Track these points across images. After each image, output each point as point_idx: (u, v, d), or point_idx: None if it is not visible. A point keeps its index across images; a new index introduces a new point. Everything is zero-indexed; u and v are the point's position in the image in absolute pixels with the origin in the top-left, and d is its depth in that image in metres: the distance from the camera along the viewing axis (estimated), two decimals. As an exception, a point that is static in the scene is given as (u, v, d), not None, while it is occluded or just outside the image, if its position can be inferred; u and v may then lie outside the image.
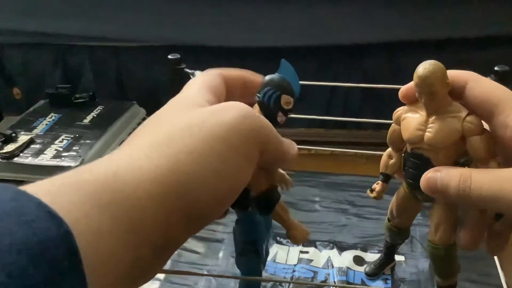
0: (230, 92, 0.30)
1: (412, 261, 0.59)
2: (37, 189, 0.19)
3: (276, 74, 0.32)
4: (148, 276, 0.23)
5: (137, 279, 0.22)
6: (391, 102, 0.35)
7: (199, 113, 0.25)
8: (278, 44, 0.89)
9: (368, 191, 0.39)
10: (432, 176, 0.30)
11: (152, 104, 0.92)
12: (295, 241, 0.36)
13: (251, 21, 0.89)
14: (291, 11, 0.87)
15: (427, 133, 0.32)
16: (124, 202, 0.20)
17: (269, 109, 0.30)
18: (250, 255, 0.39)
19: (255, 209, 0.34)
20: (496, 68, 0.54)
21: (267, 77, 0.31)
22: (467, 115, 0.31)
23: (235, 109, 0.25)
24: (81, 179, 0.20)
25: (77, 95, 0.89)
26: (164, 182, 0.22)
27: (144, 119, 0.89)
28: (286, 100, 0.31)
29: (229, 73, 0.31)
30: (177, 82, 0.66)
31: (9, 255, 0.15)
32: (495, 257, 0.55)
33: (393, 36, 0.86)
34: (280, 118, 0.31)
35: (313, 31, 0.88)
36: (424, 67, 0.31)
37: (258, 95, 0.31)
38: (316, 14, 0.87)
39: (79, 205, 0.19)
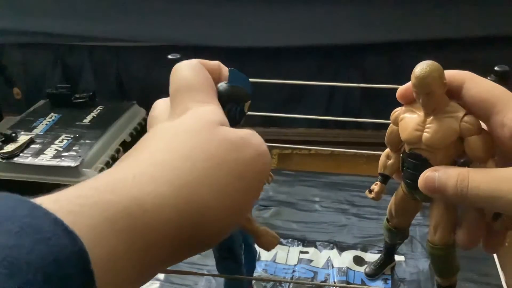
0: None
1: (412, 261, 0.59)
2: (58, 207, 0.19)
3: (228, 85, 0.31)
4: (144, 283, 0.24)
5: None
6: (391, 102, 0.35)
7: (218, 143, 0.25)
8: (278, 44, 0.89)
9: (367, 192, 0.39)
10: (430, 175, 0.30)
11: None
12: (264, 249, 0.37)
13: (251, 21, 0.89)
14: (291, 11, 0.87)
15: (425, 134, 0.32)
16: (142, 229, 0.21)
17: (237, 121, 0.31)
18: (227, 261, 0.40)
19: None
20: (496, 68, 0.54)
21: (224, 94, 0.31)
22: (465, 115, 0.31)
23: (252, 147, 0.26)
24: (104, 201, 0.20)
25: (77, 95, 0.89)
26: (183, 212, 0.22)
27: (144, 119, 0.89)
28: (247, 105, 0.32)
29: (207, 63, 0.31)
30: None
31: (26, 274, 0.15)
32: (495, 257, 0.55)
33: (393, 36, 0.86)
34: (243, 120, 0.32)
35: (313, 31, 0.88)
36: (421, 68, 0.31)
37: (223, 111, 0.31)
38: (316, 14, 0.87)
39: (97, 229, 0.19)
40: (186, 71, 0.29)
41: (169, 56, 0.65)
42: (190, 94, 0.28)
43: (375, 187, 0.39)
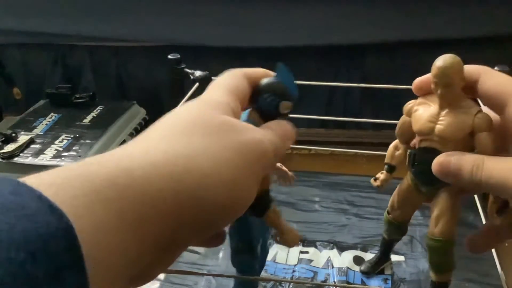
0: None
1: (412, 261, 0.59)
2: (40, 181, 0.18)
3: (273, 78, 0.31)
4: (150, 275, 0.23)
5: (138, 277, 0.22)
6: (391, 102, 0.36)
7: (219, 122, 0.25)
8: (278, 44, 0.89)
9: (372, 180, 0.40)
10: (445, 159, 0.31)
11: (152, 104, 0.93)
12: (287, 245, 0.37)
13: (251, 21, 0.89)
14: (291, 11, 0.87)
15: (438, 125, 0.33)
16: (132, 197, 0.20)
17: (269, 116, 0.30)
18: (244, 255, 0.39)
19: (249, 211, 0.34)
20: (496, 68, 0.54)
21: (265, 83, 0.31)
22: (478, 111, 0.32)
23: (254, 134, 0.25)
24: (88, 172, 0.19)
25: (77, 95, 0.89)
26: (179, 181, 0.21)
27: (144, 119, 0.89)
28: (286, 106, 0.31)
29: (253, 72, 0.31)
30: (177, 82, 0.66)
31: (7, 251, 0.15)
32: (495, 257, 0.55)
33: (393, 36, 0.86)
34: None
35: (313, 31, 0.88)
36: (444, 60, 0.31)
37: (256, 102, 0.31)
38: (316, 14, 0.87)
39: (83, 199, 0.18)
40: (222, 75, 0.30)
41: (169, 56, 0.65)
42: (212, 89, 0.28)
43: (381, 175, 0.39)
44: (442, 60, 0.31)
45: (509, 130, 0.30)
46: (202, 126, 0.24)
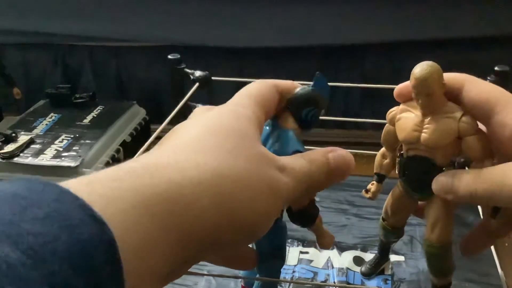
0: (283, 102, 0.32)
1: (412, 261, 0.59)
2: (91, 190, 0.18)
3: (311, 89, 0.33)
4: (175, 278, 0.24)
5: (167, 282, 0.23)
6: (390, 102, 0.36)
7: (260, 152, 0.25)
8: (278, 44, 0.89)
9: (363, 191, 0.40)
10: (443, 179, 0.31)
11: (152, 104, 0.93)
12: (325, 248, 0.38)
13: (251, 21, 0.89)
14: (291, 11, 0.87)
15: (423, 134, 0.32)
16: (179, 214, 0.20)
17: (309, 125, 0.33)
18: (275, 260, 0.39)
19: (280, 218, 0.35)
20: (496, 68, 0.54)
21: (305, 95, 0.32)
22: (462, 115, 0.31)
23: (281, 171, 0.26)
24: (139, 185, 0.20)
25: (77, 95, 0.89)
26: (223, 204, 0.22)
27: (144, 119, 0.89)
28: (322, 113, 0.33)
29: (284, 83, 0.32)
30: (177, 82, 0.66)
31: (51, 264, 0.15)
32: (495, 257, 0.55)
33: (393, 36, 0.86)
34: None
35: (313, 31, 0.88)
36: (422, 69, 0.31)
37: (296, 113, 0.32)
38: (316, 14, 0.87)
39: (132, 213, 0.19)
40: (252, 84, 0.30)
41: (169, 56, 0.65)
42: (241, 98, 0.28)
43: (372, 187, 0.39)
44: (419, 70, 0.31)
45: (496, 138, 0.30)
46: (245, 149, 0.24)
